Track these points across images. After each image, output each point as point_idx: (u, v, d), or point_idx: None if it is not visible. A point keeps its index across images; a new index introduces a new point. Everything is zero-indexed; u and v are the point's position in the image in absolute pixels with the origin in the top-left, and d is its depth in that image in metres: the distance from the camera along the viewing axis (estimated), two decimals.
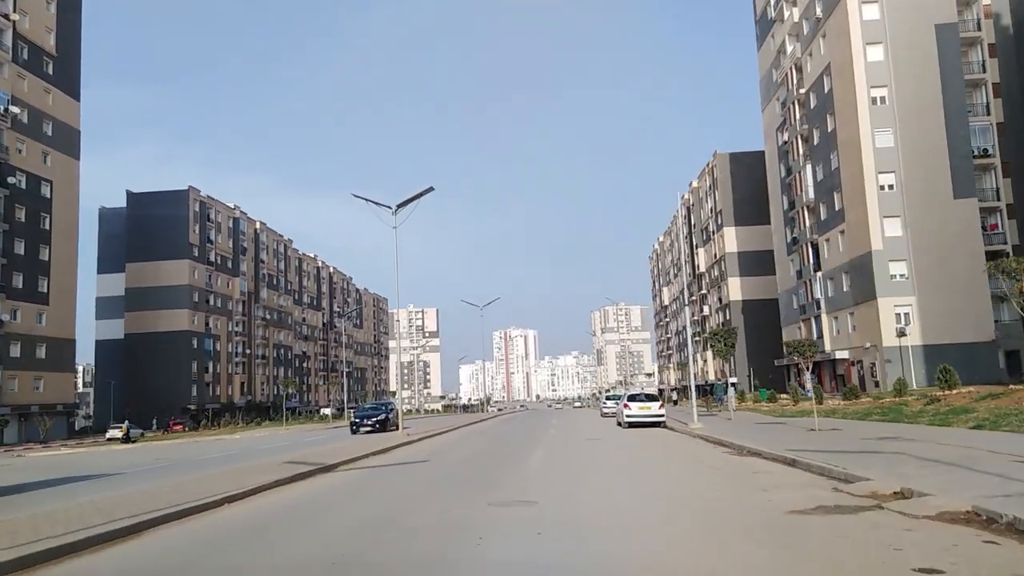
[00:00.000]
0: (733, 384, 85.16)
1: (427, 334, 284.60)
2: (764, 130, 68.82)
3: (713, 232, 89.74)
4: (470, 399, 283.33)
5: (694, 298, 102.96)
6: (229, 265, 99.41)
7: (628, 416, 28.09)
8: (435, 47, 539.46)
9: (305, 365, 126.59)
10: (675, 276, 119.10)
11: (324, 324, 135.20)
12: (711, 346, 38.08)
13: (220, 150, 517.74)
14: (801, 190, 57.90)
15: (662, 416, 28.13)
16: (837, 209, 51.78)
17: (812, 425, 20.33)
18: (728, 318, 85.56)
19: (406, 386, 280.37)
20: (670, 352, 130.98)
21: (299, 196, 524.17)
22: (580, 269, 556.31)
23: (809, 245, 57.21)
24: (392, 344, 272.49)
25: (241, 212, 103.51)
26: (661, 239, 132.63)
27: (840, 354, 52.08)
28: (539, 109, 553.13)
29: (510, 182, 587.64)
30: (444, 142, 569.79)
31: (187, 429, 73.03)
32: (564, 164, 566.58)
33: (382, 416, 36.45)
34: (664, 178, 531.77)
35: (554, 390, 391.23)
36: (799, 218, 59.10)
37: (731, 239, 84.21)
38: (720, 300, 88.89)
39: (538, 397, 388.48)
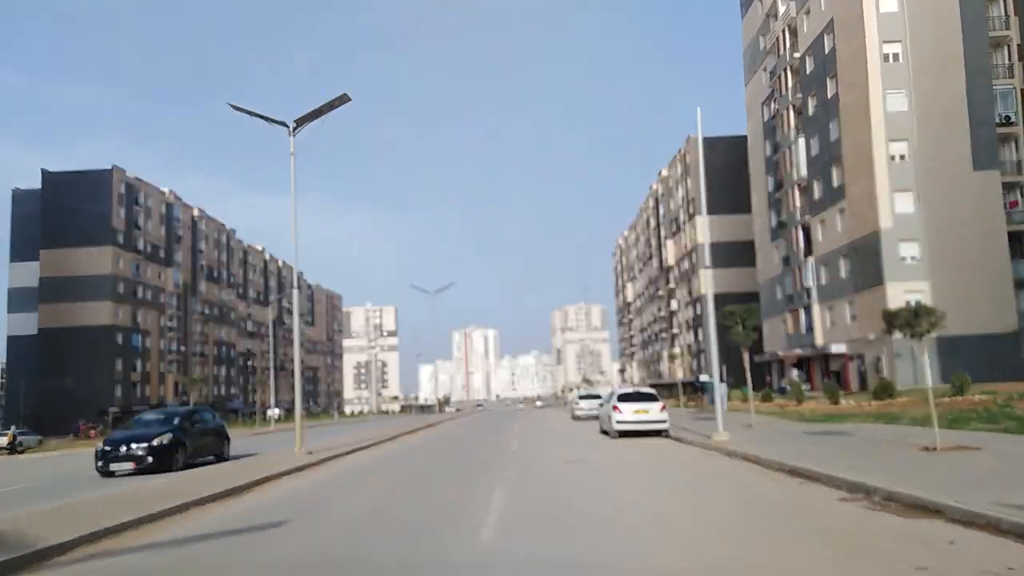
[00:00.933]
0: (704, 383, 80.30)
1: (385, 333, 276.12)
2: (747, 105, 63.49)
3: (684, 222, 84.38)
4: (426, 400, 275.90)
5: (660, 293, 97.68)
6: (161, 254, 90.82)
7: (621, 422, 21.54)
8: (395, 43, 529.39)
9: (251, 364, 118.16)
10: (640, 271, 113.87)
11: (273, 320, 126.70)
12: (730, 327, 32.69)
13: (179, 150, 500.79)
14: (791, 167, 52.53)
15: (664, 422, 21.58)
16: (836, 185, 46.41)
17: (915, 439, 13.92)
18: (699, 313, 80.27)
19: (363, 386, 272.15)
20: (633, 350, 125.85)
21: (252, 194, 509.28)
22: (541, 268, 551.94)
23: (799, 228, 51.85)
24: (348, 343, 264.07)
25: (176, 197, 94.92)
26: (626, 233, 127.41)
27: (836, 348, 46.72)
28: (494, 103, 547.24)
29: (471, 180, 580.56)
30: (396, 137, 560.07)
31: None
32: (527, 161, 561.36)
33: (163, 438, 17.10)
34: (629, 174, 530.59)
35: (514, 389, 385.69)
36: (787, 199, 53.73)
37: (703, 229, 78.71)
38: (690, 294, 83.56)
39: (498, 397, 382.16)
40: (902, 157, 40.58)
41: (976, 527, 6.64)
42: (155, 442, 16.84)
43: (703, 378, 56.14)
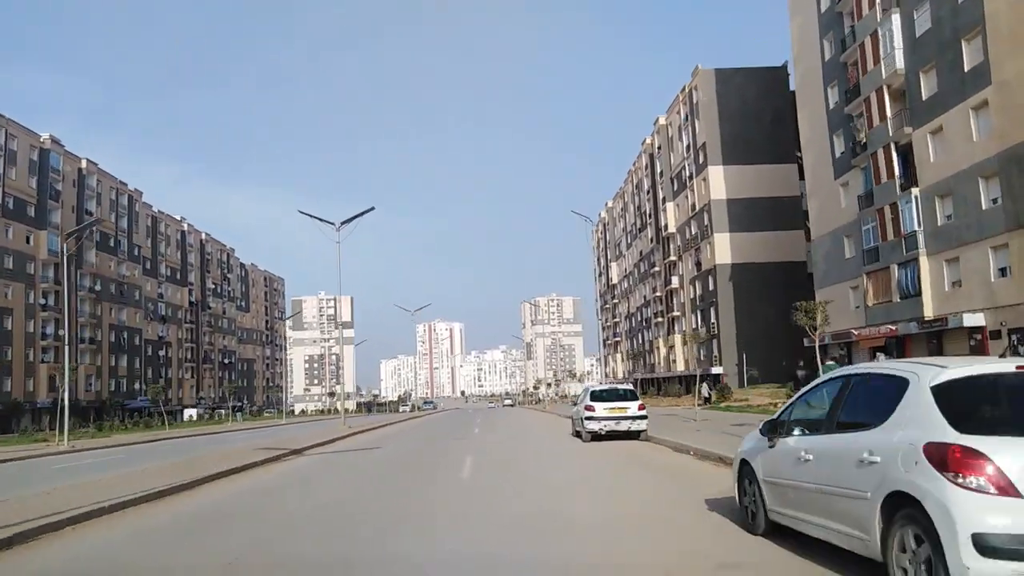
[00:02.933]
0: (717, 376, 63.73)
1: (340, 324, 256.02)
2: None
3: (690, 178, 67.72)
4: (375, 396, 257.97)
5: (656, 269, 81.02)
6: (30, 212, 71.73)
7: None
8: (358, 39, 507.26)
9: (163, 354, 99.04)
10: (629, 246, 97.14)
11: (193, 303, 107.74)
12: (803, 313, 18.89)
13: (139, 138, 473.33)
14: (874, 61, 35.91)
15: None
16: (969, 68, 29.85)
17: None
18: (711, 288, 63.66)
19: (316, 382, 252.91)
20: (618, 339, 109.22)
21: (211, 184, 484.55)
22: (510, 258, 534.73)
23: (891, 148, 35.27)
24: (298, 336, 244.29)
25: (56, 144, 75.69)
26: (610, 204, 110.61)
27: (970, 319, 30.16)
28: (462, 93, 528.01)
29: (437, 169, 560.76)
30: (358, 129, 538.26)
31: None
32: (495, 149, 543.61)
33: None
34: (607, 151, 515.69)
35: (480, 385, 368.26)
36: (868, 110, 37.09)
37: (718, 182, 62.24)
38: (698, 266, 66.99)
39: (463, 393, 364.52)
40: None
41: None
42: None
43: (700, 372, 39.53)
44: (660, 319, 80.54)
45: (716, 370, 61.36)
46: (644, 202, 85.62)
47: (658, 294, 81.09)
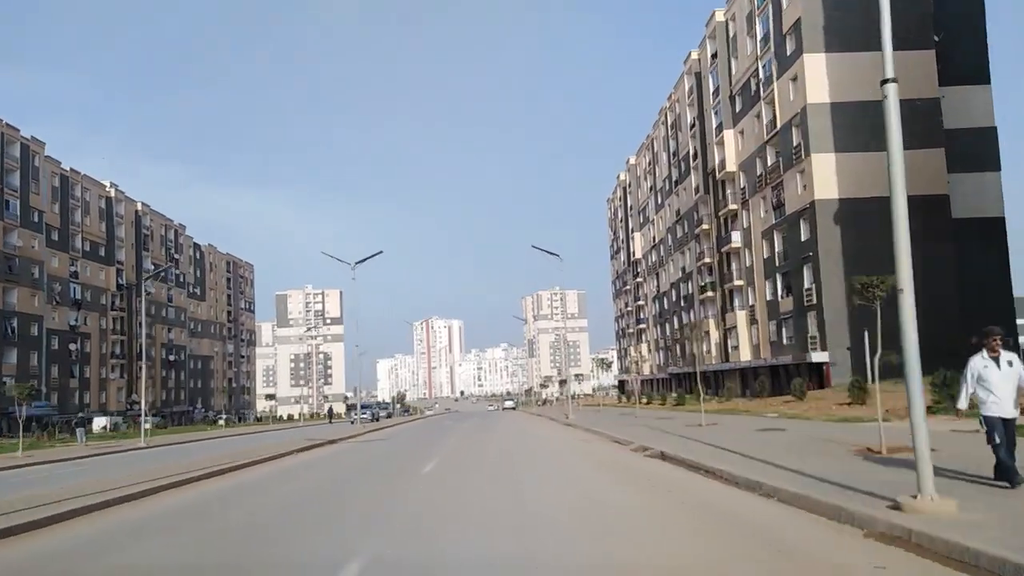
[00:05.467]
0: (819, 365, 43.67)
1: (328, 320, 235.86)
2: None
3: (766, 83, 47.79)
4: (359, 398, 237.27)
5: (704, 227, 61.25)
6: None
7: None
8: (349, 34, 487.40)
9: (79, 347, 79.22)
10: (660, 206, 77.20)
11: (123, 287, 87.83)
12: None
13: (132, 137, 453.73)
14: None
15: None
16: None
17: None
18: (803, 237, 43.75)
19: (303, 383, 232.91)
20: (643, 326, 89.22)
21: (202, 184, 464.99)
22: (510, 254, 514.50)
23: None
24: (283, 333, 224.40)
25: None
26: (632, 161, 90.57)
27: None
28: (458, 86, 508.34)
29: (435, 160, 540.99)
30: (353, 118, 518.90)
31: None
32: (497, 140, 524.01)
33: None
34: (613, 138, 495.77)
35: (480, 385, 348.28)
36: None
37: (817, 78, 42.36)
38: (777, 208, 47.20)
39: (462, 393, 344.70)
40: None
41: None
42: None
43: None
44: (710, 293, 60.62)
45: (818, 357, 41.48)
46: (685, 141, 65.64)
47: (706, 261, 61.19)
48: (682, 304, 69.75)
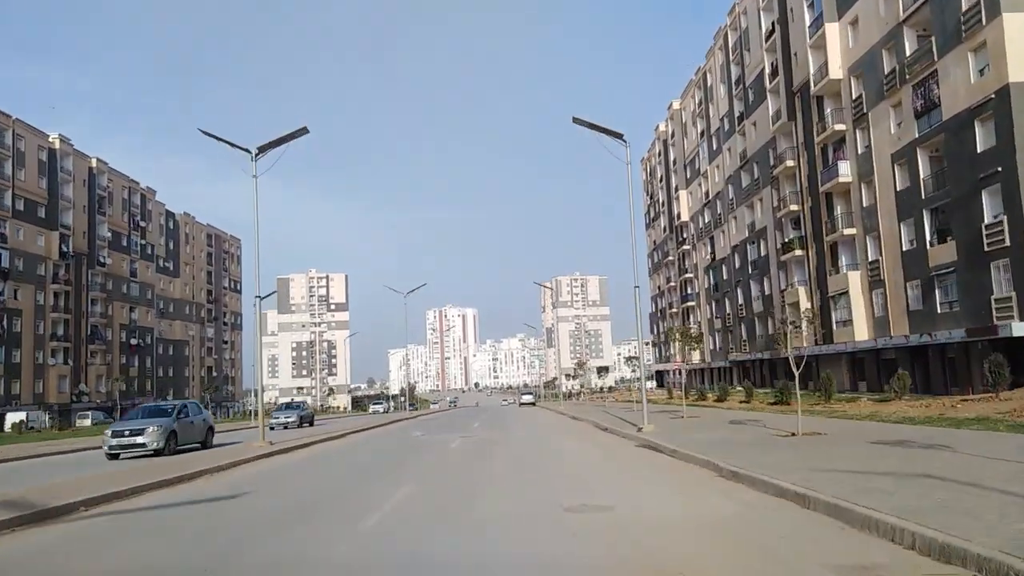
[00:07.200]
0: (1019, 340, 28.15)
1: (332, 306, 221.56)
2: None
3: None
4: (386, 389, 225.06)
5: (789, 165, 46.07)
6: None
7: None
8: (354, 32, 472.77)
9: (5, 326, 65.35)
10: (716, 151, 61.98)
11: (69, 255, 73.85)
12: None
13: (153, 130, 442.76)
14: None
15: None
16: None
17: None
18: (992, 145, 28.51)
19: (305, 373, 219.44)
20: (689, 303, 74.00)
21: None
22: (528, 238, 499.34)
23: None
24: (285, 320, 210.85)
25: None
26: (676, 106, 75.10)
27: None
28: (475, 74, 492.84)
29: (451, 142, 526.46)
30: (367, 101, 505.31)
31: None
32: (509, 133, 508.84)
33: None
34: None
35: (496, 376, 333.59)
36: None
37: None
38: (926, 107, 32.01)
39: (477, 385, 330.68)
40: None
41: None
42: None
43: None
44: (797, 252, 45.51)
45: (1019, 330, 26.20)
46: (758, 58, 50.32)
47: (790, 208, 46.01)
48: (750, 271, 54.54)
